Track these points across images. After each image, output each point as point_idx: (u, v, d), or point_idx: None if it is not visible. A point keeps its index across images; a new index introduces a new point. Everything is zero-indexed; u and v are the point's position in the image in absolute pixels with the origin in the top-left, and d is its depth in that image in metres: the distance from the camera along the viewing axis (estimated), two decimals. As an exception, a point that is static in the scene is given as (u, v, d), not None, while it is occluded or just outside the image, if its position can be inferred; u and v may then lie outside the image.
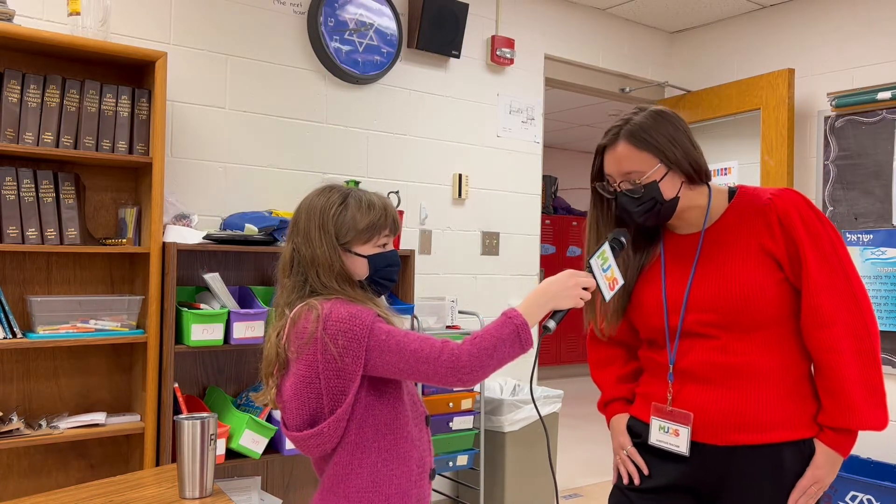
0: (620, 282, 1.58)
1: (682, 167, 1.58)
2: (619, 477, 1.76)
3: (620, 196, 1.62)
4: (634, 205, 1.60)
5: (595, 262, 1.58)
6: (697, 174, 1.60)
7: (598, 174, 1.68)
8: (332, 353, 1.47)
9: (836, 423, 1.54)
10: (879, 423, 1.52)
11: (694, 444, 1.60)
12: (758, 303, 1.55)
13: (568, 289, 1.54)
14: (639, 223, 1.65)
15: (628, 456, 1.73)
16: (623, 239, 1.63)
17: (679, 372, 1.64)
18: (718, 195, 1.68)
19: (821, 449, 1.55)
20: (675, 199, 1.61)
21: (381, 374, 1.50)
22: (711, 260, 1.62)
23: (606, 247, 1.59)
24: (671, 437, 1.62)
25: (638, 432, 1.73)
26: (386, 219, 1.61)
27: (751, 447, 1.56)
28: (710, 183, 1.67)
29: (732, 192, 1.68)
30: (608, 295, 1.58)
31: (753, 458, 1.56)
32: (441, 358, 1.44)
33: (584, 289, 1.55)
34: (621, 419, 1.78)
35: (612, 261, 1.58)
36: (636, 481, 1.70)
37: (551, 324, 1.53)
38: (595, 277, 1.57)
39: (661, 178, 1.58)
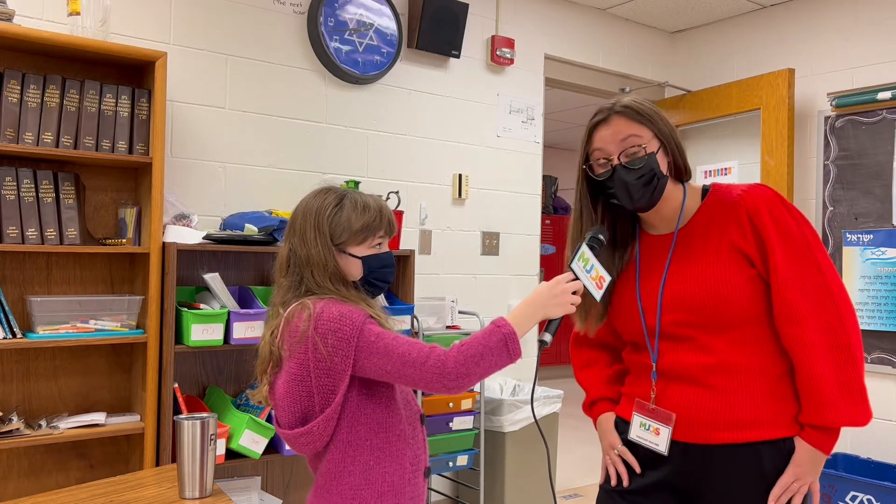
0: (608, 278, 1.55)
1: (671, 147, 1.59)
2: (607, 478, 1.75)
3: (618, 170, 1.56)
4: (634, 176, 1.54)
5: (577, 265, 1.55)
6: (682, 160, 1.61)
7: (587, 156, 1.63)
8: (322, 352, 1.48)
9: (813, 421, 1.52)
10: (858, 418, 1.50)
11: (676, 444, 1.60)
12: (731, 300, 1.54)
13: (556, 296, 1.53)
14: (634, 201, 1.58)
15: (619, 455, 1.72)
16: (601, 236, 1.61)
17: (661, 372, 1.63)
18: (693, 194, 1.67)
19: (801, 446, 1.54)
20: (666, 178, 1.60)
21: (369, 375, 1.50)
22: (683, 260, 1.61)
23: (585, 247, 1.57)
24: (651, 434, 1.61)
25: (623, 431, 1.73)
26: (381, 220, 1.61)
27: (730, 446, 1.55)
28: (686, 183, 1.66)
29: (705, 191, 1.67)
30: (598, 294, 1.55)
31: (733, 456, 1.55)
32: (428, 363, 1.44)
33: (574, 293, 1.54)
34: (609, 418, 1.78)
35: (593, 260, 1.55)
36: (625, 482, 1.69)
37: (547, 336, 1.51)
38: (581, 280, 1.55)
39: (657, 151, 1.57)
